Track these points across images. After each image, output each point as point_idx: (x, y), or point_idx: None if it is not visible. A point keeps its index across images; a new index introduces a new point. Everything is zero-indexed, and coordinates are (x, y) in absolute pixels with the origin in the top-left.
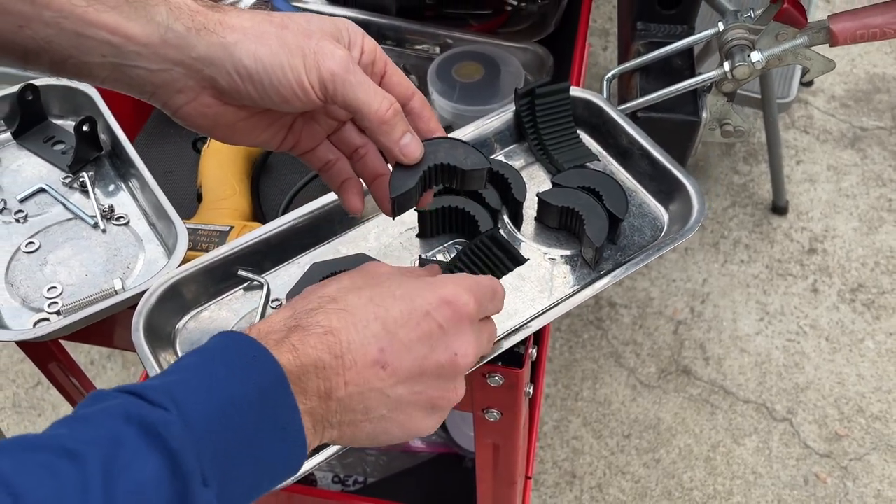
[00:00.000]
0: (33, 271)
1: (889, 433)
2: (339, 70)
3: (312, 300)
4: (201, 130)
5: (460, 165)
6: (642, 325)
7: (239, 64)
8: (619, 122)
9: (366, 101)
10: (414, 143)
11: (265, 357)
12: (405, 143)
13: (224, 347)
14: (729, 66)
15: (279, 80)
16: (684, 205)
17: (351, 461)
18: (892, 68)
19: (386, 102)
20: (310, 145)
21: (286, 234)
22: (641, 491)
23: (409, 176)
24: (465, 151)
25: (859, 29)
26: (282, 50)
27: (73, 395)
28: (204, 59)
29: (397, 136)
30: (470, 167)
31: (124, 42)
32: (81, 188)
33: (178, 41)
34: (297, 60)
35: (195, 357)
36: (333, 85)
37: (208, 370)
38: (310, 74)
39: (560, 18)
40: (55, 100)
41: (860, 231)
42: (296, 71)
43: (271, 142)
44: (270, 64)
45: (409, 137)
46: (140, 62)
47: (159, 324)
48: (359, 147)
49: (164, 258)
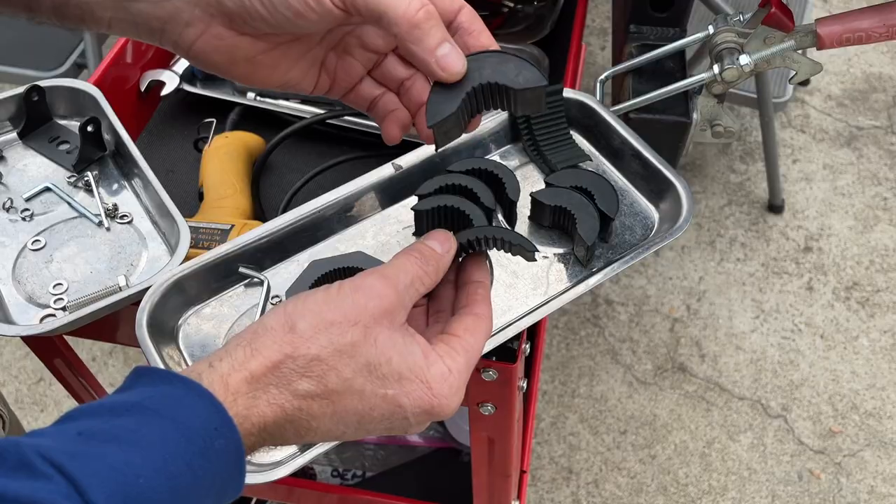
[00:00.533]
0: (39, 268)
1: (882, 430)
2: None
3: (295, 375)
4: (220, 70)
5: (511, 84)
6: (639, 322)
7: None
8: (611, 123)
9: (391, 4)
10: (454, 55)
11: (229, 433)
12: (442, 53)
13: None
14: (718, 68)
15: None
16: (674, 204)
17: (349, 455)
18: (889, 68)
19: (416, 2)
20: (349, 83)
21: (286, 233)
22: (637, 486)
23: (450, 98)
24: (518, 67)
25: (845, 33)
26: None
27: (78, 391)
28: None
29: (433, 43)
30: (522, 86)
31: None
32: (86, 187)
33: None
34: None
35: (135, 417)
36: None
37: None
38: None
39: (556, 20)
40: (60, 101)
41: (855, 230)
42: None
43: (303, 81)
44: None
45: (447, 47)
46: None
47: (162, 320)
48: (405, 80)
49: (166, 256)
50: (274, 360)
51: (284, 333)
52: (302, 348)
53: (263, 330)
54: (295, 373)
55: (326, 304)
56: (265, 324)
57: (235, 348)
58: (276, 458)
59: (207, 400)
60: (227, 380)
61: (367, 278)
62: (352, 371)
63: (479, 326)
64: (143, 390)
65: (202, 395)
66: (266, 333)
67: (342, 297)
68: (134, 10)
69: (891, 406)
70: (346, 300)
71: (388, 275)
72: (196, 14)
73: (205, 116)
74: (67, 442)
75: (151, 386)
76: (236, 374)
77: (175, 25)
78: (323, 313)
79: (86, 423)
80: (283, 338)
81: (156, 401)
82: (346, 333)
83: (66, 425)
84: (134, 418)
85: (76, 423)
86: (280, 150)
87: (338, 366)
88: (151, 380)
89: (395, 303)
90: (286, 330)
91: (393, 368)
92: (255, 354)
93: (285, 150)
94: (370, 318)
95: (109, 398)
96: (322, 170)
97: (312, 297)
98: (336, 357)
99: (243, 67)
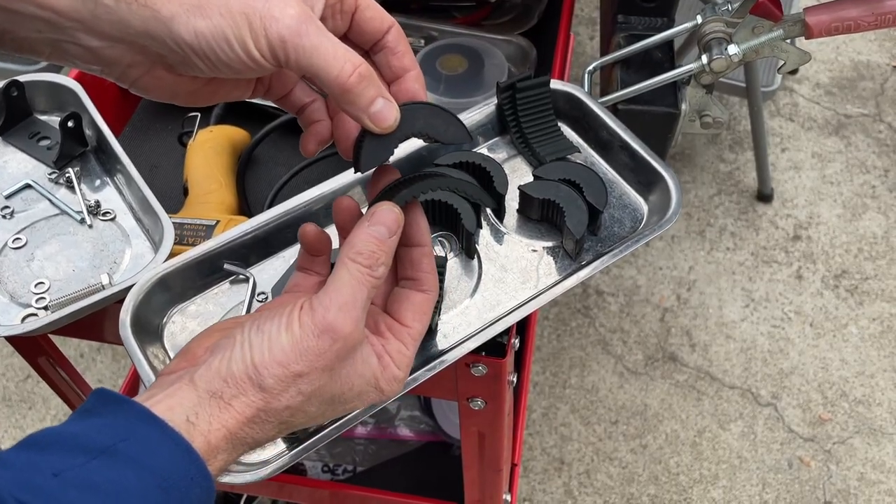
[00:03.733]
0: (20, 267)
1: (872, 417)
2: (288, 34)
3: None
4: (162, 100)
5: (439, 138)
6: (629, 312)
7: (180, 40)
8: (599, 114)
9: (323, 68)
10: (387, 109)
11: (204, 482)
12: (376, 110)
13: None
14: (707, 58)
15: (226, 54)
16: (663, 196)
17: (340, 450)
18: (877, 56)
19: (348, 66)
20: (282, 91)
21: (272, 228)
22: (629, 476)
23: (383, 146)
24: (446, 122)
25: (834, 22)
26: (223, 20)
27: (63, 389)
28: (143, 35)
29: (364, 103)
30: (450, 140)
31: (55, 17)
32: (67, 184)
33: (110, 16)
34: (243, 29)
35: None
36: (285, 52)
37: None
38: (258, 43)
39: (543, 10)
40: (40, 96)
41: (844, 218)
42: (242, 42)
43: (241, 96)
44: (213, 37)
45: (380, 103)
46: (79, 39)
47: (147, 318)
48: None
49: (150, 253)
50: (248, 416)
51: (255, 391)
52: (273, 402)
53: (232, 380)
54: (267, 422)
55: (293, 352)
56: (232, 372)
57: (209, 400)
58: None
59: (185, 450)
60: (209, 437)
61: (328, 315)
62: (317, 406)
63: (426, 307)
64: (115, 426)
65: (180, 445)
66: (235, 384)
67: (306, 343)
68: (73, 52)
69: (880, 393)
70: (311, 348)
71: (345, 303)
72: (137, 59)
73: (189, 110)
74: (45, 482)
75: (123, 418)
76: (216, 432)
77: (116, 67)
78: (290, 365)
79: (60, 460)
80: (255, 395)
81: (133, 447)
82: (314, 382)
83: (36, 457)
84: (111, 463)
85: (48, 459)
86: (265, 143)
87: (305, 407)
88: (121, 410)
89: (357, 336)
90: (256, 388)
91: (354, 392)
92: (227, 408)
93: (271, 144)
94: (335, 359)
95: (80, 428)
96: (308, 164)
97: (278, 345)
98: (305, 402)
99: (186, 98)
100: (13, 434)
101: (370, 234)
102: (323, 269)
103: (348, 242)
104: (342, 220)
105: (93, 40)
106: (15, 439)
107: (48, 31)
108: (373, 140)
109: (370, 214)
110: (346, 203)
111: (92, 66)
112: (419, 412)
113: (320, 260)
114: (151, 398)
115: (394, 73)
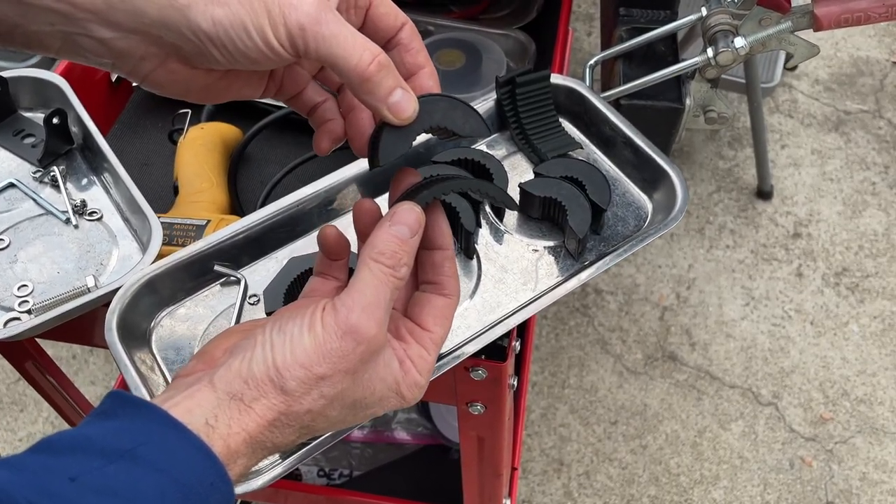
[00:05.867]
0: (3, 269)
1: (873, 416)
2: (307, 22)
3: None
4: (174, 96)
5: (458, 131)
6: (628, 311)
7: (197, 29)
8: (601, 110)
9: (342, 56)
10: (405, 100)
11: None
12: (394, 100)
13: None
14: (712, 51)
15: (244, 43)
16: (668, 194)
17: (336, 455)
18: (876, 51)
19: (367, 55)
20: (294, 90)
21: (264, 228)
22: (629, 477)
23: (402, 139)
24: (465, 114)
25: (843, 13)
26: (242, 8)
27: (51, 394)
28: (159, 25)
29: (383, 93)
30: (469, 134)
31: (69, 8)
32: (52, 183)
33: (125, 5)
34: (262, 17)
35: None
36: (304, 40)
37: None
38: (277, 32)
39: (542, 4)
40: (24, 92)
41: (844, 215)
42: (260, 30)
43: (252, 94)
44: (231, 25)
45: (399, 94)
46: (92, 30)
47: (134, 322)
48: (343, 84)
49: (138, 254)
50: (269, 419)
51: (277, 394)
52: (295, 406)
53: (253, 381)
54: (288, 426)
55: (316, 354)
56: (253, 373)
57: (229, 402)
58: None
59: (205, 454)
60: (229, 441)
61: (351, 315)
62: (339, 410)
63: (448, 312)
64: (132, 430)
65: (200, 449)
66: (256, 386)
67: (330, 345)
68: (85, 45)
69: (881, 392)
70: (335, 350)
71: (368, 304)
72: (151, 51)
73: (180, 107)
74: (61, 487)
75: (140, 421)
76: (236, 435)
77: (128, 60)
78: (312, 367)
79: (77, 464)
80: (276, 398)
81: (152, 451)
82: (336, 385)
83: (52, 461)
84: (129, 467)
85: (64, 462)
86: (258, 141)
87: (326, 411)
88: (139, 413)
89: (381, 339)
90: (277, 390)
91: (376, 397)
92: (247, 411)
93: (263, 142)
94: (359, 362)
95: (97, 432)
96: (302, 161)
97: (300, 346)
98: (327, 406)
99: (199, 93)
100: (4, 437)
101: (392, 234)
102: (341, 273)
103: (369, 243)
104: (364, 224)
105: (106, 31)
106: (7, 442)
107: (61, 24)
108: (391, 133)
109: (391, 215)
110: (368, 205)
111: (103, 60)
112: (417, 415)
113: (338, 264)
114: (169, 400)
115: (408, 69)
